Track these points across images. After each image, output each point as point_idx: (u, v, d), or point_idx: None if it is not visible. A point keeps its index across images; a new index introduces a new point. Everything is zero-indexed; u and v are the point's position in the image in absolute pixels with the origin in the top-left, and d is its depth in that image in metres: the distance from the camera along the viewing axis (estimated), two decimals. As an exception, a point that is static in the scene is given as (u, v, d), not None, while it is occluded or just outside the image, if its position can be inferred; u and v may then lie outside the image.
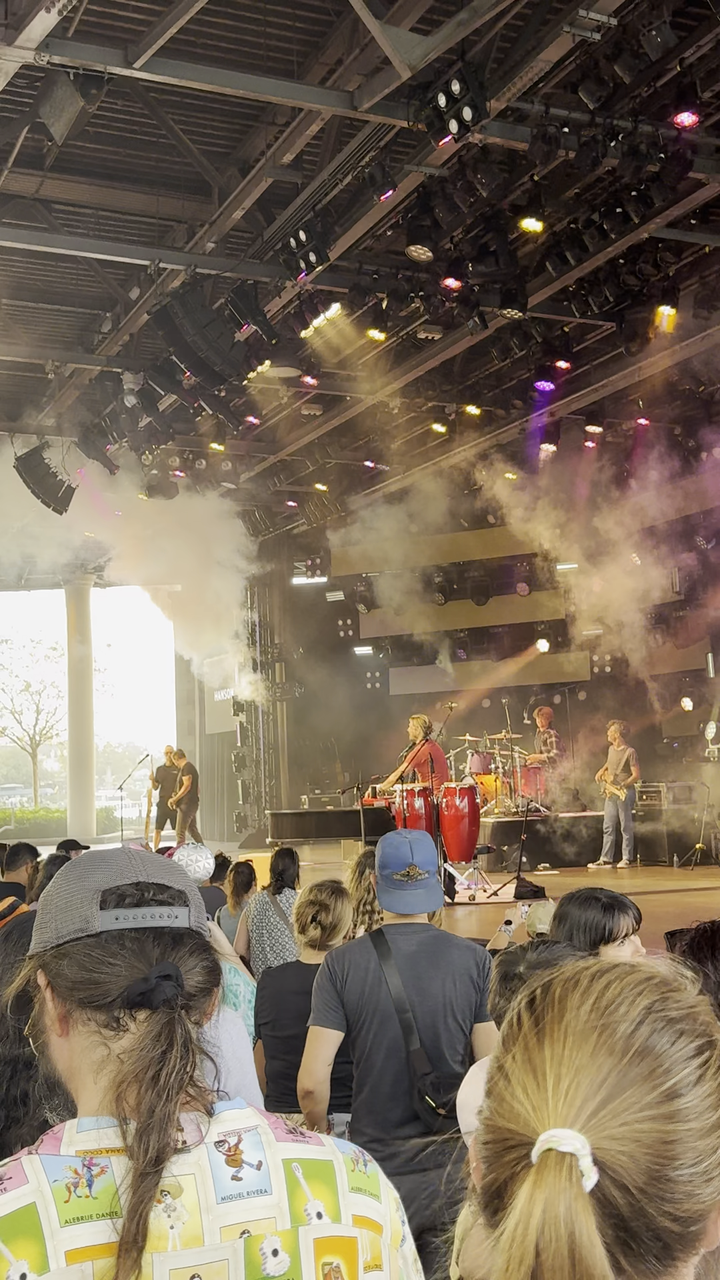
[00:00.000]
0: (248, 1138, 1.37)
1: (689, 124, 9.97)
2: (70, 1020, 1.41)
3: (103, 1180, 1.29)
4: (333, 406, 17.90)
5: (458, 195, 10.94)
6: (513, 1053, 0.97)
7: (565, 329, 15.08)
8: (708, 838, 16.56)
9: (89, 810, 29.64)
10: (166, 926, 1.42)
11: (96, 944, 1.40)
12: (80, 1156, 1.31)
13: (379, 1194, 1.42)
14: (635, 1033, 0.94)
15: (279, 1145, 1.38)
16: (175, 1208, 1.30)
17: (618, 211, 11.30)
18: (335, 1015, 3.85)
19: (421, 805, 14.59)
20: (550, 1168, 0.88)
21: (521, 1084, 0.94)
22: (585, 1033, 0.94)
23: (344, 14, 9.88)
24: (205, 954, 1.45)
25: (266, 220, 12.64)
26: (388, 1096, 3.77)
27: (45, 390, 17.68)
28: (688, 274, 14.05)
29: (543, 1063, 0.94)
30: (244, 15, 10.16)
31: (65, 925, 1.42)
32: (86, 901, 1.42)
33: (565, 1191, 0.86)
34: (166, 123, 11.45)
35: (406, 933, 3.86)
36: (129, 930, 1.41)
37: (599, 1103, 0.90)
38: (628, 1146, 0.89)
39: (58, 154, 12.01)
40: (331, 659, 24.44)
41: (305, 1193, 1.36)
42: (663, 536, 20.58)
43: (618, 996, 0.96)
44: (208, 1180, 1.32)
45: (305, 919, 4.64)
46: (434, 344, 15.31)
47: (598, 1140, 0.89)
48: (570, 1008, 0.97)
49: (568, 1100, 0.91)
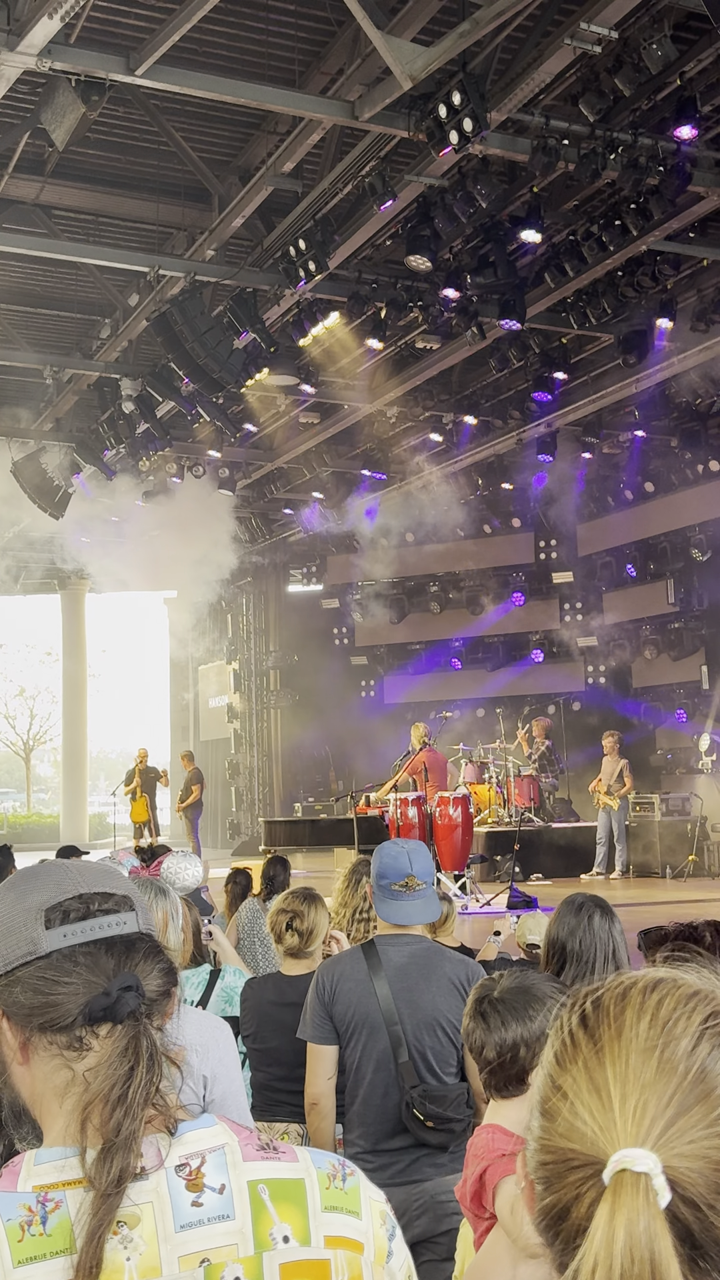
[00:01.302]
0: (212, 1159, 1.31)
1: (688, 137, 10.01)
2: (30, 1047, 1.35)
3: (57, 1216, 1.24)
4: (330, 414, 17.91)
5: (457, 206, 10.97)
6: (571, 1072, 0.96)
7: (563, 340, 15.10)
8: (700, 849, 16.57)
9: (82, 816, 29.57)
10: (117, 935, 1.38)
11: (48, 965, 1.35)
12: (36, 1192, 1.26)
13: (358, 1210, 1.35)
14: (696, 1050, 0.93)
15: (246, 1165, 1.31)
16: (132, 1239, 1.24)
17: (617, 224, 11.33)
18: (325, 1030, 3.83)
19: (415, 814, 14.59)
20: (627, 1188, 0.88)
21: (585, 1104, 0.94)
22: (647, 1050, 0.94)
23: (346, 24, 9.91)
24: (159, 956, 1.41)
25: (266, 228, 12.66)
26: (378, 1108, 3.75)
27: (43, 395, 17.68)
28: (686, 287, 14.10)
29: (606, 1082, 0.93)
30: (246, 24, 10.19)
31: (12, 950, 1.37)
32: (30, 923, 1.37)
33: (644, 1211, 0.86)
34: (167, 130, 11.47)
35: (398, 944, 3.84)
36: (80, 946, 1.35)
37: (667, 1121, 0.90)
38: (696, 1164, 0.89)
39: (58, 160, 12.03)
40: (326, 667, 24.44)
41: (271, 1216, 1.29)
42: (659, 549, 20.64)
43: (673, 1013, 0.96)
44: (166, 1208, 1.26)
45: (280, 928, 4.62)
46: (432, 354, 15.34)
47: (668, 1159, 0.89)
48: (628, 1024, 0.96)
49: (636, 1119, 0.91)
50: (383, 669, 25.02)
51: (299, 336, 13.66)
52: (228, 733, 26.75)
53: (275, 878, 7.48)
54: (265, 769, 25.65)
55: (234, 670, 26.55)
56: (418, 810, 14.69)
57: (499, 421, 17.56)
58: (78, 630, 30.20)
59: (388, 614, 24.44)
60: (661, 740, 21.00)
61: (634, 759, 18.01)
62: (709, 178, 10.95)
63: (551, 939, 3.59)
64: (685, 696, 20.59)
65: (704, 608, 20.04)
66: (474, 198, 10.90)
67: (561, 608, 23.01)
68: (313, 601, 25.38)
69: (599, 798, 17.06)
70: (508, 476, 20.25)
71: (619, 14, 8.83)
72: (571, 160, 10.19)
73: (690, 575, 20.10)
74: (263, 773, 25.69)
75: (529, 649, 23.14)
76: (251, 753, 25.86)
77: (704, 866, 16.46)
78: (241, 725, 26.21)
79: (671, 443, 18.47)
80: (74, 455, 17.58)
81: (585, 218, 12.06)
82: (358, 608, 24.75)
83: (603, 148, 10.10)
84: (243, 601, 26.55)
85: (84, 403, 17.18)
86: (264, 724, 25.89)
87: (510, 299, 12.80)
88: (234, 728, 26.45)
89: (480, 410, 17.53)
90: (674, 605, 20.36)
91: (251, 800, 25.57)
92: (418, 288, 12.93)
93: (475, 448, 18.53)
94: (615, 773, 17.03)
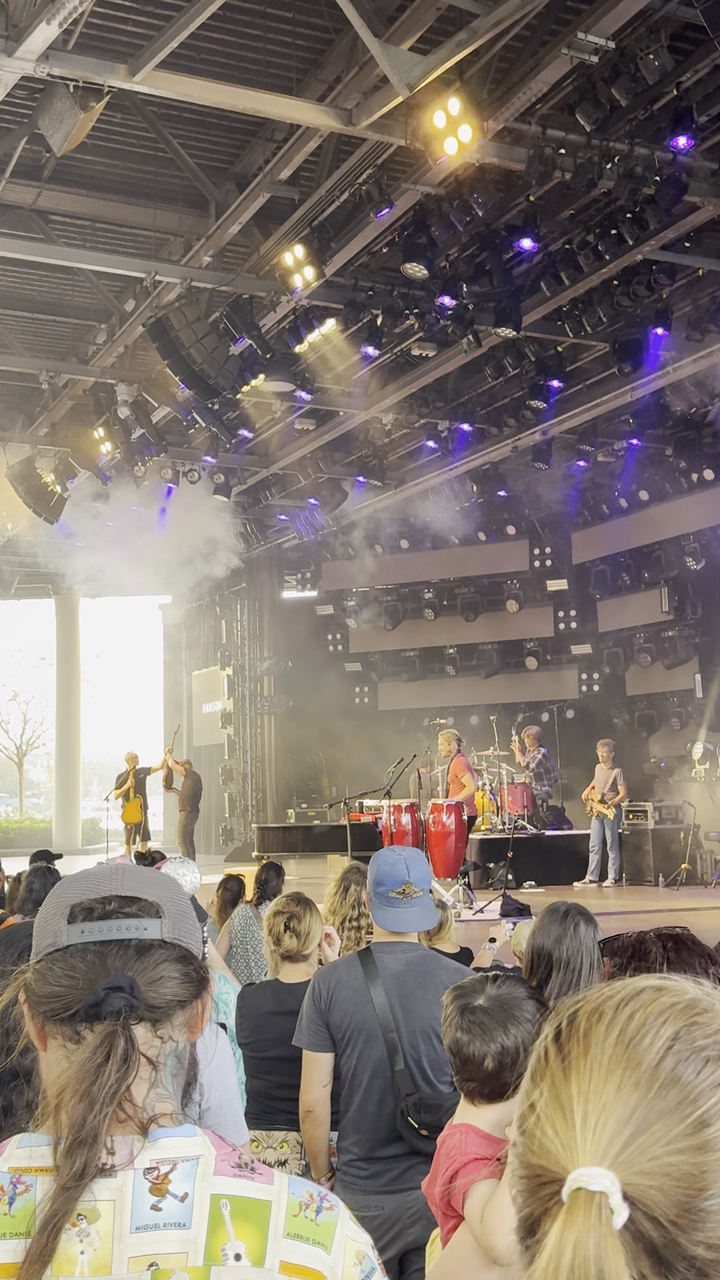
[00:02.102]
0: (182, 1168, 1.32)
1: (685, 147, 10.04)
2: (45, 1035, 1.40)
3: (24, 1199, 1.28)
4: (326, 421, 17.93)
5: (454, 214, 11.00)
6: (540, 1088, 0.98)
7: (559, 349, 15.14)
8: (693, 857, 16.58)
9: (74, 821, 29.54)
10: (133, 938, 1.40)
11: (61, 958, 1.40)
12: (11, 1174, 1.30)
13: (328, 1244, 1.33)
14: (661, 1064, 0.93)
15: (214, 1179, 1.32)
16: (89, 1233, 1.26)
17: (613, 233, 11.36)
18: (320, 1037, 3.83)
19: (409, 821, 14.58)
20: (580, 1207, 0.88)
21: (550, 1120, 0.95)
22: (611, 1067, 0.94)
23: (343, 32, 9.93)
24: (180, 965, 1.42)
25: (263, 235, 12.68)
26: (372, 1116, 3.75)
27: (39, 400, 17.69)
28: (681, 296, 14.13)
29: (569, 1099, 0.94)
30: (244, 32, 10.21)
31: (41, 940, 1.43)
32: (58, 916, 1.43)
33: (594, 1231, 0.87)
34: (165, 136, 11.49)
35: (394, 951, 3.84)
36: (92, 944, 1.39)
37: (626, 1139, 0.90)
38: (657, 1180, 0.89)
39: (55, 165, 12.05)
40: (320, 673, 24.43)
41: (227, 1231, 1.29)
42: (653, 557, 20.67)
43: (642, 1026, 0.96)
44: (126, 1208, 1.28)
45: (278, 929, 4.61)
46: (428, 361, 15.36)
47: (627, 1176, 0.89)
48: (595, 1041, 0.96)
49: (595, 1138, 0.91)
50: (377, 675, 25.02)
51: (295, 343, 13.68)
52: (221, 738, 26.72)
53: (268, 883, 7.49)
54: (258, 775, 25.63)
55: (228, 676, 26.53)
56: (411, 817, 14.68)
57: (494, 429, 17.59)
58: (71, 635, 30.19)
59: (382, 621, 24.45)
60: (655, 748, 21.02)
61: (627, 767, 18.01)
62: (705, 187, 10.98)
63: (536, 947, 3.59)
64: (679, 704, 20.61)
65: (698, 616, 20.07)
66: (470, 206, 10.93)
67: (556, 615, 23.02)
68: (307, 608, 25.39)
69: (593, 805, 17.06)
70: (503, 484, 20.27)
71: (616, 24, 8.87)
72: (568, 169, 10.22)
73: (684, 583, 20.13)
74: (256, 779, 25.67)
75: (524, 656, 23.16)
76: (245, 758, 25.84)
77: (696, 875, 16.47)
78: (235, 731, 26.20)
79: (666, 451, 18.50)
80: (69, 460, 17.58)
81: (581, 226, 12.09)
82: (352, 614, 24.75)
83: (599, 157, 10.14)
84: (237, 607, 26.54)
85: (80, 408, 17.19)
86: (257, 730, 25.86)
87: (506, 307, 12.83)
88: (227, 733, 26.43)
89: (476, 418, 17.56)
90: (668, 613, 20.39)
91: (245, 806, 25.54)
92: (414, 295, 12.96)
93: (470, 455, 18.56)
94: (609, 781, 17.03)
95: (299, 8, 9.98)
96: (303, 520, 22.11)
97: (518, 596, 22.98)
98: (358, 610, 24.69)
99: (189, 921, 1.47)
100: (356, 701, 24.97)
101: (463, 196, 10.96)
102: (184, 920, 1.46)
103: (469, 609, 23.55)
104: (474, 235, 12.22)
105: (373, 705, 24.90)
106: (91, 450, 16.84)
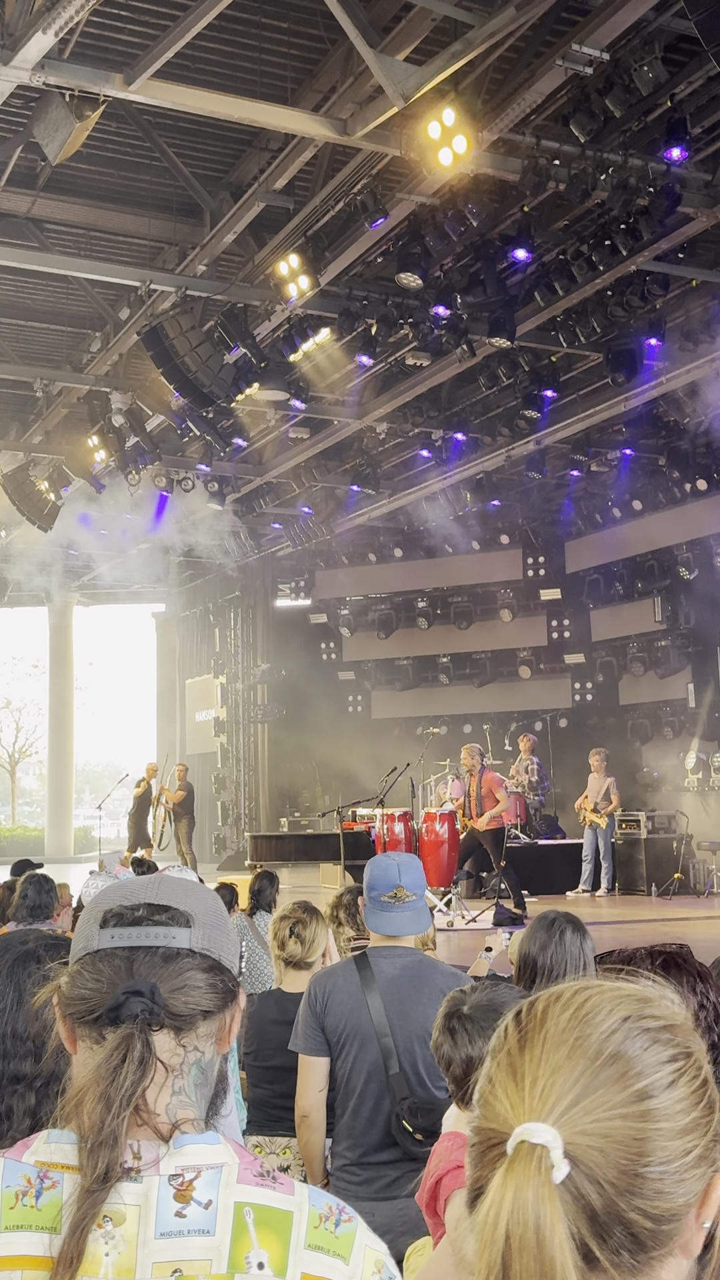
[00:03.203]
0: (207, 1175, 1.33)
1: (678, 158, 10.08)
2: (75, 1037, 1.42)
3: (51, 1194, 1.30)
4: (320, 430, 17.95)
5: (448, 224, 11.04)
6: (497, 1059, 1.02)
7: (553, 359, 15.17)
8: (686, 867, 16.58)
9: (67, 829, 29.49)
10: (160, 945, 1.42)
11: (91, 961, 1.42)
12: (38, 1167, 1.32)
13: (347, 1255, 1.34)
14: (610, 1038, 0.98)
15: (238, 1187, 1.33)
16: (114, 1236, 1.28)
17: (606, 244, 11.40)
18: (316, 1041, 3.84)
19: (401, 830, 14.57)
20: (521, 1158, 0.93)
21: (503, 1087, 0.99)
22: (562, 1037, 0.99)
23: (339, 43, 9.97)
24: (207, 974, 1.44)
25: (258, 244, 12.71)
26: (367, 1120, 3.76)
27: (33, 408, 17.69)
28: (675, 307, 14.18)
29: (522, 1065, 0.99)
30: (239, 41, 10.24)
31: (77, 943, 1.46)
32: (93, 921, 1.45)
33: (534, 1180, 0.91)
34: (160, 145, 11.51)
35: (390, 956, 3.85)
36: (120, 949, 1.42)
37: (571, 1100, 0.95)
38: (599, 1142, 0.94)
39: (50, 174, 12.07)
40: (314, 681, 24.43)
41: (251, 1239, 1.30)
42: (646, 566, 20.70)
43: (596, 1007, 1.01)
44: (151, 1213, 1.30)
45: (283, 934, 4.61)
46: (422, 370, 15.39)
47: (570, 1135, 0.93)
48: (551, 1017, 1.01)
49: (542, 1097, 0.96)
50: (370, 684, 25.02)
51: (289, 352, 13.70)
52: (214, 747, 26.70)
53: (262, 892, 7.47)
54: (251, 783, 25.60)
55: (221, 684, 26.52)
56: (404, 826, 14.67)
57: (488, 438, 17.62)
58: (65, 643, 30.16)
59: (376, 629, 24.46)
60: (648, 757, 21.04)
61: (620, 776, 18.02)
62: (698, 199, 11.02)
63: (523, 955, 3.62)
64: (672, 714, 20.63)
65: (691, 626, 20.10)
66: (465, 216, 10.97)
67: (549, 624, 23.05)
68: (301, 616, 25.39)
69: (586, 815, 17.05)
70: (496, 493, 20.31)
71: (610, 36, 8.91)
72: (562, 180, 10.26)
73: (677, 593, 20.17)
74: (249, 787, 25.64)
75: (517, 665, 23.17)
76: (238, 767, 25.82)
77: (689, 884, 16.47)
78: (228, 739, 26.17)
79: (659, 461, 18.53)
80: (63, 468, 17.58)
81: (575, 237, 12.13)
82: (346, 623, 24.76)
83: (593, 168, 10.18)
84: (230, 615, 26.54)
85: (74, 416, 17.19)
86: (250, 738, 25.85)
87: (500, 317, 12.86)
88: (220, 742, 26.41)
89: (469, 427, 17.59)
90: (661, 623, 20.43)
91: (238, 815, 25.52)
92: (408, 305, 12.99)
93: (464, 464, 18.59)
94: (602, 790, 17.03)
95: (294, 18, 10.01)
96: (296, 529, 22.13)
97: (511, 605, 23.00)
98: (351, 619, 24.71)
99: (223, 934, 1.49)
100: (350, 710, 24.96)
101: (457, 207, 11.00)
102: (217, 932, 1.48)
103: (462, 618, 23.57)
104: (468, 245, 12.26)
105: (366, 714, 24.90)
106: (85, 458, 16.84)
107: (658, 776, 20.27)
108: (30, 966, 2.31)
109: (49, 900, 6.48)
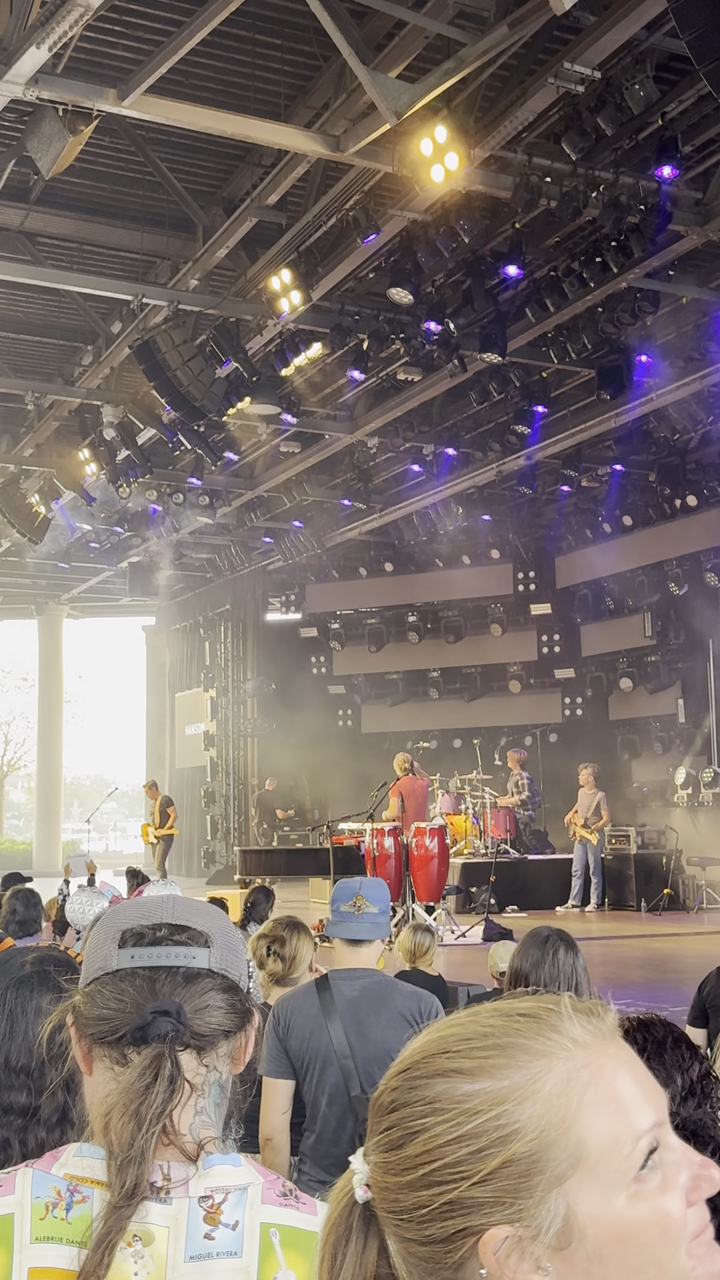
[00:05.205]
0: (233, 1197, 1.34)
1: (669, 176, 10.14)
2: (91, 1058, 1.41)
3: (81, 1209, 1.30)
4: (311, 444, 17.98)
5: (440, 240, 11.07)
6: None
7: (543, 374, 15.22)
8: (675, 883, 16.57)
9: (55, 843, 29.41)
10: (180, 965, 1.42)
11: (110, 981, 1.41)
12: (67, 1180, 1.32)
13: None
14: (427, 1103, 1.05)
15: (263, 1208, 1.35)
16: (144, 1255, 1.28)
17: (597, 261, 11.44)
18: (281, 1063, 3.89)
19: (391, 844, 14.54)
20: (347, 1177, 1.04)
21: None
22: None
23: (331, 59, 10.01)
24: (226, 995, 1.43)
25: (250, 259, 12.74)
26: (331, 1141, 3.81)
27: (24, 421, 17.69)
28: (665, 324, 14.24)
29: None
30: (233, 58, 10.28)
31: (93, 964, 1.45)
32: (109, 941, 1.44)
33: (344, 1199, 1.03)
34: (153, 160, 11.54)
35: (350, 978, 3.92)
36: (141, 969, 1.41)
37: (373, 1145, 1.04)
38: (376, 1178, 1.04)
39: (43, 188, 12.09)
40: (304, 695, 24.41)
41: (278, 1260, 1.32)
42: (636, 582, 20.74)
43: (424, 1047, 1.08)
44: (181, 1236, 1.30)
45: (261, 953, 4.63)
46: (413, 385, 15.43)
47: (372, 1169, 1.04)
48: None
49: None
50: (360, 698, 25.01)
51: (281, 366, 13.73)
52: (204, 760, 26.65)
53: (256, 906, 7.45)
54: (241, 797, 25.55)
55: (211, 698, 26.48)
56: (394, 841, 14.64)
57: (479, 453, 17.65)
58: (54, 656, 30.12)
59: (366, 643, 24.46)
60: (638, 773, 21.04)
61: (610, 791, 18.02)
62: (689, 216, 11.08)
63: (515, 970, 3.61)
64: (661, 729, 20.65)
65: (680, 641, 20.13)
66: (457, 232, 11.01)
67: (539, 639, 23.07)
68: (291, 630, 25.38)
69: (576, 830, 17.04)
70: (487, 508, 20.34)
71: (602, 54, 8.95)
72: (553, 197, 10.30)
73: (667, 609, 20.20)
74: (238, 801, 25.59)
75: (507, 679, 23.19)
76: (227, 781, 25.77)
77: (679, 900, 16.46)
78: (218, 753, 26.13)
79: (650, 477, 18.60)
80: (54, 481, 17.57)
81: (566, 254, 12.18)
82: (336, 637, 24.76)
83: (584, 186, 10.23)
84: (221, 629, 26.52)
85: (65, 429, 17.19)
86: (240, 752, 25.80)
87: (491, 333, 12.90)
88: (210, 755, 26.36)
89: (460, 442, 17.63)
90: (651, 638, 20.45)
91: (227, 829, 25.46)
92: (400, 320, 13.02)
93: (455, 479, 18.62)
94: (592, 805, 17.02)
95: (288, 35, 10.05)
96: (287, 542, 22.14)
97: (501, 620, 23.02)
98: (342, 633, 24.70)
99: (236, 954, 1.49)
100: (340, 724, 24.94)
101: (449, 223, 11.04)
102: (231, 952, 1.48)
103: (452, 632, 23.58)
104: (460, 261, 12.30)
105: (356, 728, 24.88)
106: (76, 471, 16.83)
107: (647, 792, 20.27)
108: (24, 993, 2.30)
109: (36, 915, 6.46)
